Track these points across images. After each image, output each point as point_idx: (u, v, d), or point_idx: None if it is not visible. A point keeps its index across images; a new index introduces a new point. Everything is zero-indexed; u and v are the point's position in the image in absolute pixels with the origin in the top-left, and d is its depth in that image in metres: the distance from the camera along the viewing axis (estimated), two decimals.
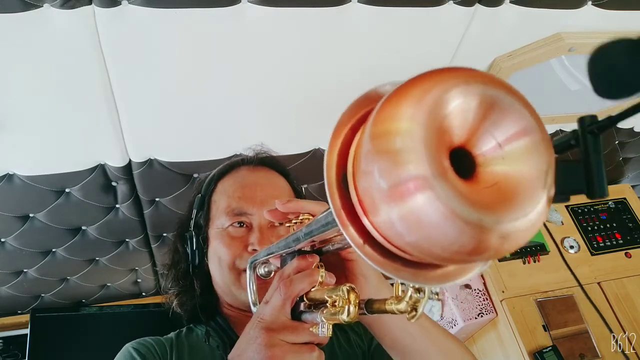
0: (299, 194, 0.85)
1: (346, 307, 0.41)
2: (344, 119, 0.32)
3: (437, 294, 0.37)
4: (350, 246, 0.30)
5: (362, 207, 0.28)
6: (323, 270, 0.49)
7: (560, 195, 0.27)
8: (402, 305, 0.36)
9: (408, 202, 0.24)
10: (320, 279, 0.48)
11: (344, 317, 0.41)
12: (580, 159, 0.27)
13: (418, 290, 0.36)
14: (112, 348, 0.74)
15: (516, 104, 0.26)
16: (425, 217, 0.24)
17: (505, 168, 0.26)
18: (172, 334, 0.78)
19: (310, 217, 0.52)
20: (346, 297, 0.41)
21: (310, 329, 0.48)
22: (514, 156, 0.26)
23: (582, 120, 0.27)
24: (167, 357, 0.72)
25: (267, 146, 0.89)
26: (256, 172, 0.82)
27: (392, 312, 0.37)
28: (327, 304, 0.43)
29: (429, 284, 0.33)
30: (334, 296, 0.42)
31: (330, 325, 0.45)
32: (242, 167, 0.83)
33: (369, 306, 0.41)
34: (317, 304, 0.48)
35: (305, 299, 0.49)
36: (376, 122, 0.26)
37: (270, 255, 0.57)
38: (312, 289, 0.49)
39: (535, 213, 0.25)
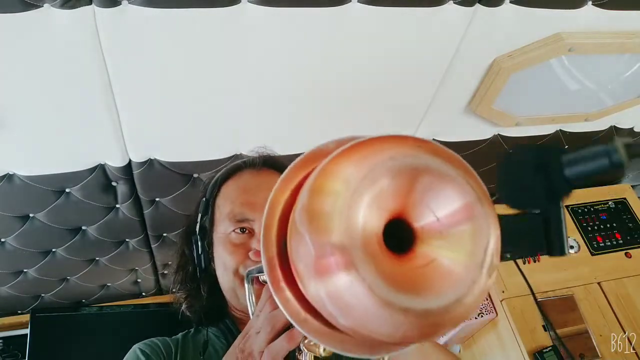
0: None
1: None
2: (290, 174, 0.29)
3: None
4: None
5: (297, 274, 0.25)
6: None
7: (517, 256, 0.26)
8: None
9: (332, 280, 0.21)
10: None
11: (320, 351, 0.42)
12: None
13: None
14: (112, 348, 0.75)
15: (456, 175, 0.24)
16: (353, 302, 0.21)
17: (443, 244, 0.24)
18: (179, 335, 0.79)
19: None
20: None
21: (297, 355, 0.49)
22: (452, 231, 0.24)
23: None
24: (172, 357, 0.72)
25: (270, 147, 0.89)
26: (259, 175, 0.82)
27: None
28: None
29: (376, 355, 0.30)
30: None
31: (312, 355, 0.46)
32: (245, 170, 0.83)
33: None
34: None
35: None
36: (317, 176, 0.24)
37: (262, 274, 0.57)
38: None
39: (471, 296, 0.23)
